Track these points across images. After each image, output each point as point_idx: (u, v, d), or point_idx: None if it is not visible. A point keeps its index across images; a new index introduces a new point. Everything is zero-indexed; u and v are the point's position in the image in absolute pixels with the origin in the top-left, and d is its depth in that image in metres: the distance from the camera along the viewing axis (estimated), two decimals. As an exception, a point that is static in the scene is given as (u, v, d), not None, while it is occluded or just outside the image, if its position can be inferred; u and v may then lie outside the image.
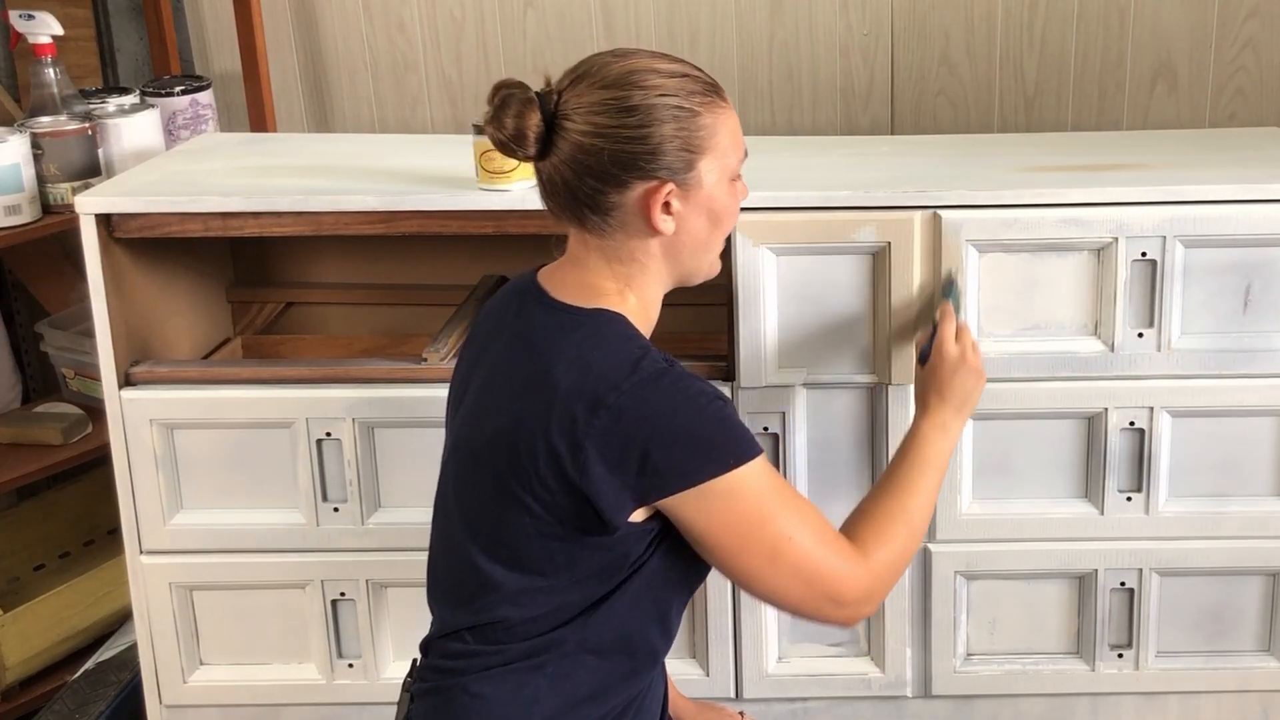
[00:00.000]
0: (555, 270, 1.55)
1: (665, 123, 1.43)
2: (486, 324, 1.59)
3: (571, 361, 1.43)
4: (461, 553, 1.51)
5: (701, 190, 1.47)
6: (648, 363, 1.43)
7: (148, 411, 2.01)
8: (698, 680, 2.05)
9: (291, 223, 1.99)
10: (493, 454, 1.47)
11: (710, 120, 1.47)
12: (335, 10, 2.89)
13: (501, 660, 1.48)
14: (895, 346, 1.95)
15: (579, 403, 1.40)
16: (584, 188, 1.45)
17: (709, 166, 1.47)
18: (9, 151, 2.33)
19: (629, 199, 1.45)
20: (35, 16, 2.43)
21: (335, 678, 2.12)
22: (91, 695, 2.33)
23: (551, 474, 1.42)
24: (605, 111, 1.43)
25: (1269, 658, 2.10)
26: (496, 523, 1.47)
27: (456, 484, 1.53)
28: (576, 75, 1.46)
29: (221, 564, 2.08)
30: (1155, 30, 2.73)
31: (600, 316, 1.48)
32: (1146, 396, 1.97)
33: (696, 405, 1.42)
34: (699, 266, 1.54)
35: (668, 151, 1.44)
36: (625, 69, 1.45)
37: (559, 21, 2.83)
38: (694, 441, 1.41)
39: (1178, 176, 1.98)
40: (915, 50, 2.79)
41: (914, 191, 1.93)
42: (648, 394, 1.41)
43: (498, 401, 1.48)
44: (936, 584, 2.05)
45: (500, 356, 1.52)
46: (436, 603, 1.58)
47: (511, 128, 1.44)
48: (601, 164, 1.43)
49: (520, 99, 1.44)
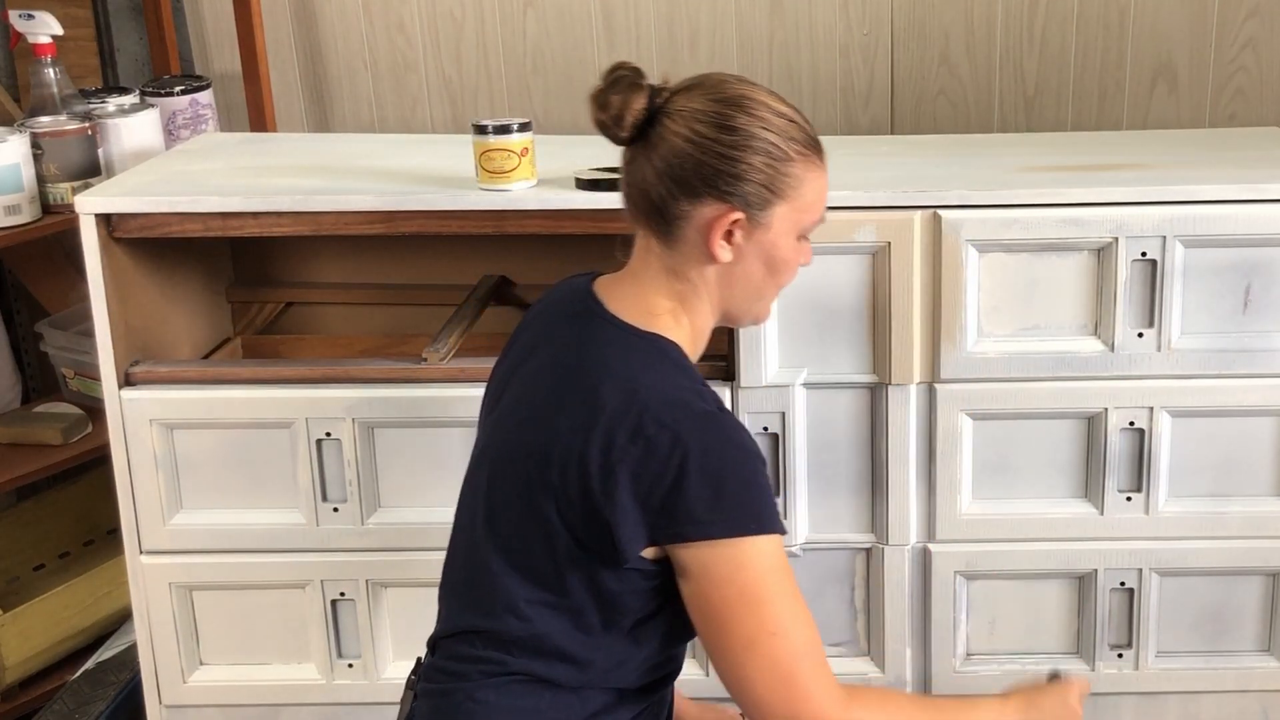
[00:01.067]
0: (614, 283, 1.53)
1: (758, 154, 1.43)
2: (535, 326, 1.57)
3: (621, 384, 1.42)
4: (478, 553, 1.50)
5: (768, 234, 1.46)
6: (699, 403, 1.41)
7: (148, 411, 2.01)
8: (698, 680, 2.05)
9: (291, 223, 1.99)
10: (525, 462, 1.46)
11: (801, 171, 1.46)
12: (335, 10, 2.88)
13: (506, 670, 1.47)
14: (895, 346, 1.95)
15: (621, 428, 1.39)
16: (661, 188, 1.44)
17: (783, 214, 1.46)
18: (9, 151, 2.33)
19: (697, 215, 1.44)
20: (35, 16, 2.43)
21: (335, 678, 2.12)
22: (91, 695, 2.33)
23: (578, 492, 1.41)
24: (707, 122, 1.42)
25: (1269, 658, 2.10)
26: (517, 530, 1.46)
27: (486, 485, 1.52)
28: (694, 83, 1.46)
29: (221, 564, 2.08)
30: (1155, 30, 2.73)
31: (658, 343, 1.46)
32: (1146, 396, 1.97)
33: (735, 460, 1.40)
34: (749, 309, 1.53)
35: (750, 182, 1.43)
36: (741, 93, 1.45)
37: (559, 21, 2.83)
38: (722, 495, 1.38)
39: (1178, 176, 1.98)
40: (915, 50, 2.79)
41: (914, 191, 1.93)
42: (691, 434, 1.38)
43: (537, 411, 1.47)
44: (936, 584, 2.05)
45: (545, 364, 1.50)
46: (447, 599, 1.57)
47: (615, 107, 1.43)
48: (684, 171, 1.43)
49: (630, 81, 1.44)
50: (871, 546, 2.05)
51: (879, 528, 2.04)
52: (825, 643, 2.08)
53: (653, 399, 1.40)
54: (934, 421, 1.99)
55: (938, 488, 2.01)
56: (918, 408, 1.98)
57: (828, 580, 2.07)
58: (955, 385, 1.97)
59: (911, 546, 2.05)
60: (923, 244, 1.92)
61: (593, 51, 2.83)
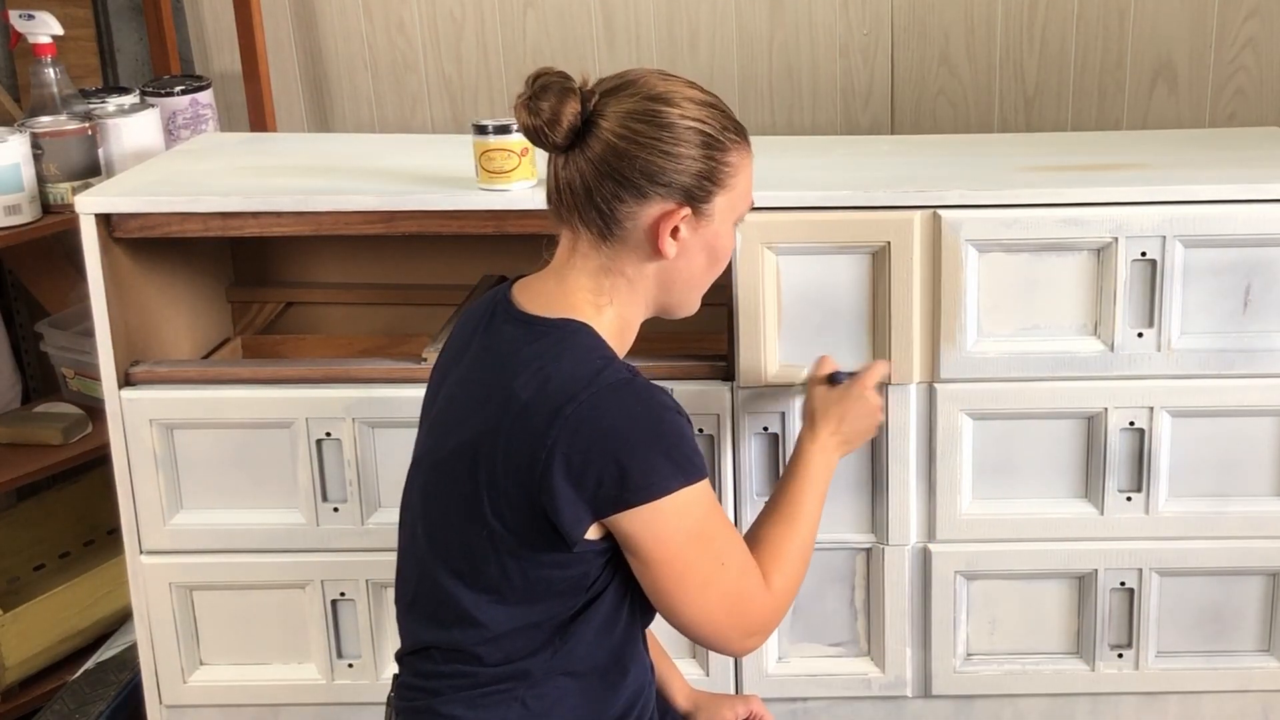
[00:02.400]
0: (532, 281, 1.54)
1: (696, 145, 1.44)
2: (458, 336, 1.59)
3: (533, 373, 1.42)
4: (425, 568, 1.51)
5: (711, 225, 1.48)
6: (609, 373, 1.42)
7: (148, 411, 2.01)
8: (698, 680, 2.05)
9: (291, 223, 1.99)
10: (455, 468, 1.46)
11: (736, 160, 1.48)
12: (335, 10, 2.88)
13: (472, 684, 1.48)
14: (895, 346, 1.95)
15: (539, 415, 1.40)
16: (603, 191, 1.44)
17: (724, 204, 1.48)
18: (9, 151, 2.33)
19: (643, 215, 1.45)
20: (35, 16, 2.43)
21: (335, 678, 2.12)
22: (91, 695, 2.33)
23: (512, 488, 1.41)
24: (641, 119, 1.43)
25: (1269, 658, 2.10)
26: (458, 539, 1.47)
27: (421, 498, 1.53)
28: (620, 83, 1.46)
29: (221, 564, 2.08)
30: (1155, 30, 2.73)
31: (566, 327, 1.47)
32: (1146, 396, 1.97)
33: (656, 418, 1.42)
34: (684, 300, 1.54)
35: (693, 175, 1.44)
36: (667, 89, 1.45)
37: (559, 21, 2.83)
38: (652, 456, 1.40)
39: (1177, 176, 1.98)
40: (915, 50, 2.79)
41: (914, 191, 1.93)
42: (607, 405, 1.40)
43: (461, 415, 1.48)
44: (936, 584, 2.05)
45: (466, 370, 1.51)
46: (403, 617, 1.58)
47: (548, 112, 1.43)
48: (627, 171, 1.43)
49: (560, 87, 1.43)
50: (871, 546, 2.05)
51: (879, 528, 2.04)
52: (825, 642, 2.11)
53: (565, 382, 1.41)
54: (934, 421, 1.99)
55: (938, 488, 2.01)
56: (918, 408, 1.98)
57: (828, 580, 2.07)
58: (955, 385, 1.98)
59: (911, 546, 2.05)
60: (922, 244, 1.92)
61: (593, 51, 2.83)
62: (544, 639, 1.47)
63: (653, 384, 1.45)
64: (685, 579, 1.44)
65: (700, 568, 1.45)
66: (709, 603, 1.46)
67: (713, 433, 1.98)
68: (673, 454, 1.42)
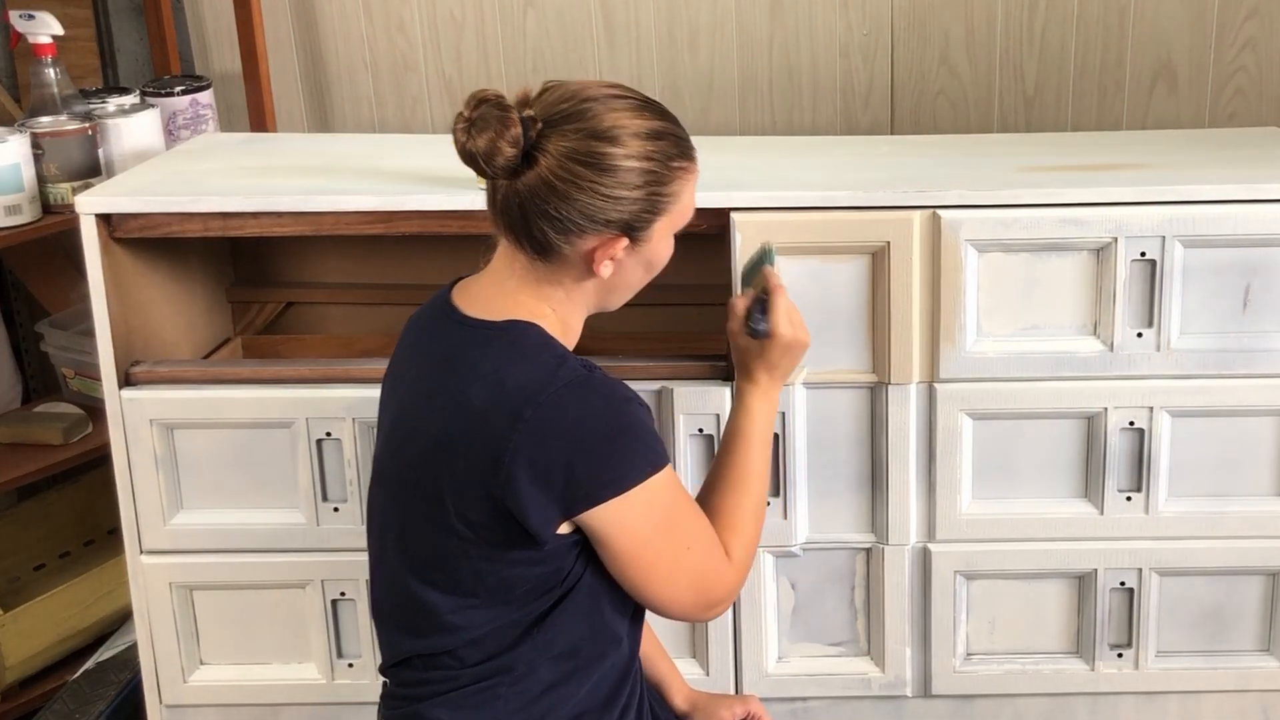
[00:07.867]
0: (471, 284, 1.53)
1: (638, 186, 1.42)
2: (404, 344, 1.58)
3: (486, 378, 1.42)
4: (399, 579, 1.51)
5: (649, 245, 1.48)
6: (565, 371, 1.42)
7: (148, 411, 2.01)
8: (698, 680, 2.05)
9: (291, 223, 1.99)
10: (417, 477, 1.46)
11: (678, 187, 1.46)
12: (335, 10, 2.88)
13: (454, 686, 1.49)
14: (895, 346, 1.95)
15: (497, 420, 1.39)
16: (535, 226, 1.43)
17: (663, 226, 1.47)
18: (9, 151, 2.33)
19: (581, 244, 1.44)
20: (35, 16, 2.43)
21: (335, 678, 2.12)
22: (91, 695, 2.33)
23: (475, 494, 1.41)
24: (583, 163, 1.40)
25: (1269, 658, 2.10)
26: (426, 547, 1.47)
27: (385, 510, 1.53)
28: (562, 113, 1.41)
29: (221, 564, 2.08)
30: (1155, 30, 2.73)
31: (514, 328, 1.46)
32: (1146, 396, 1.97)
33: (616, 411, 1.42)
34: (621, 301, 1.55)
35: (632, 212, 1.43)
36: (611, 123, 1.41)
37: (559, 21, 2.83)
38: (616, 450, 1.41)
39: (1177, 176, 1.98)
40: (915, 50, 2.79)
41: (914, 191, 1.93)
42: (567, 404, 1.40)
43: (416, 425, 1.48)
44: (936, 584, 2.05)
45: (416, 379, 1.51)
46: (382, 628, 1.57)
47: (485, 146, 1.40)
48: (565, 211, 1.41)
49: (500, 119, 1.40)
50: (871, 546, 2.05)
51: (879, 527, 2.04)
52: (825, 642, 2.11)
53: (521, 382, 1.40)
54: (934, 421, 1.99)
55: (937, 487, 2.01)
56: (917, 407, 1.99)
57: (828, 580, 2.07)
58: (955, 385, 1.98)
59: (911, 546, 2.05)
60: (922, 244, 1.92)
61: (593, 51, 2.83)
62: (522, 632, 1.47)
63: (609, 376, 1.45)
64: (655, 567, 1.46)
65: (668, 554, 1.46)
66: (678, 586, 1.48)
67: (712, 433, 1.98)
68: (636, 445, 1.42)
